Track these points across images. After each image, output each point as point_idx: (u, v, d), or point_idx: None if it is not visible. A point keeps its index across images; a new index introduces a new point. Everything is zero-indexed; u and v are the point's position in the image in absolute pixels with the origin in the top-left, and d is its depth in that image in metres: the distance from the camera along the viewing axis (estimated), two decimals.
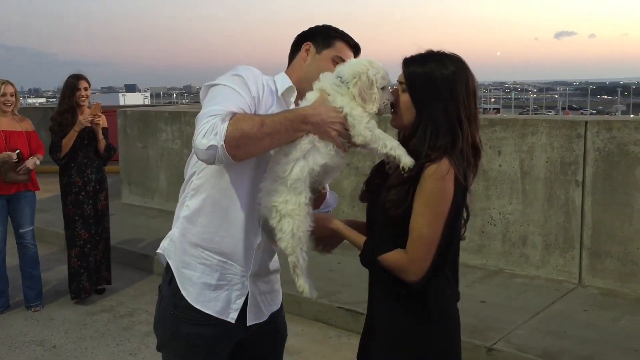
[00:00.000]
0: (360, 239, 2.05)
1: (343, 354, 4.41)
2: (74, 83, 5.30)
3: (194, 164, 2.14)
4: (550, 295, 5.02)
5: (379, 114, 2.00)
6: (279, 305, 2.37)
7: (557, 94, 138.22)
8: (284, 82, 2.18)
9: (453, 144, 1.94)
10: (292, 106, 2.15)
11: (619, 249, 5.06)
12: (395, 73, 2.03)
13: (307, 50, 2.21)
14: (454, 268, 2.10)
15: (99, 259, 5.52)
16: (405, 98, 1.99)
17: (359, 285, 5.40)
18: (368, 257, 2.01)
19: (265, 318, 2.27)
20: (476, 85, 2.01)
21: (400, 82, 2.02)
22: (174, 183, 8.37)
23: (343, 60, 2.15)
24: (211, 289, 2.13)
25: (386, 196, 1.97)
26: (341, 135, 1.97)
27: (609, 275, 5.10)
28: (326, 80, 2.04)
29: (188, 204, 2.14)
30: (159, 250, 2.24)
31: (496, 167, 5.65)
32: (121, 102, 55.74)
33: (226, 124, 1.83)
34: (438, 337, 2.04)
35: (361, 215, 2.20)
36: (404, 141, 2.02)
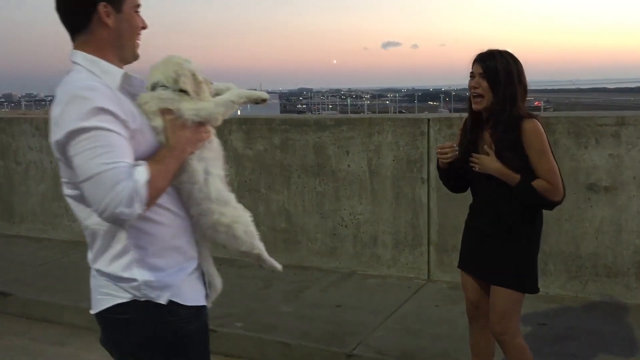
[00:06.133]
0: (516, 174, 2.88)
1: None
2: None
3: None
4: (403, 293, 5.01)
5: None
6: None
7: (388, 100, 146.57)
8: (109, 70, 1.94)
9: (524, 104, 2.93)
10: (143, 91, 2.01)
11: None
12: (226, 78, 1.92)
13: (107, 13, 1.93)
14: None
15: None
16: (485, 84, 2.87)
17: None
18: (525, 185, 2.86)
19: None
20: (522, 67, 2.94)
21: (479, 73, 2.89)
22: None
23: (140, 5, 2.04)
24: (192, 283, 2.08)
25: (508, 159, 2.90)
26: (207, 130, 2.03)
27: (456, 269, 5.16)
28: (151, 98, 1.95)
29: (134, 244, 1.95)
30: (137, 298, 1.96)
31: (345, 167, 5.57)
32: None
33: (145, 191, 1.78)
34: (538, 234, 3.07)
35: None
36: (488, 115, 2.94)
